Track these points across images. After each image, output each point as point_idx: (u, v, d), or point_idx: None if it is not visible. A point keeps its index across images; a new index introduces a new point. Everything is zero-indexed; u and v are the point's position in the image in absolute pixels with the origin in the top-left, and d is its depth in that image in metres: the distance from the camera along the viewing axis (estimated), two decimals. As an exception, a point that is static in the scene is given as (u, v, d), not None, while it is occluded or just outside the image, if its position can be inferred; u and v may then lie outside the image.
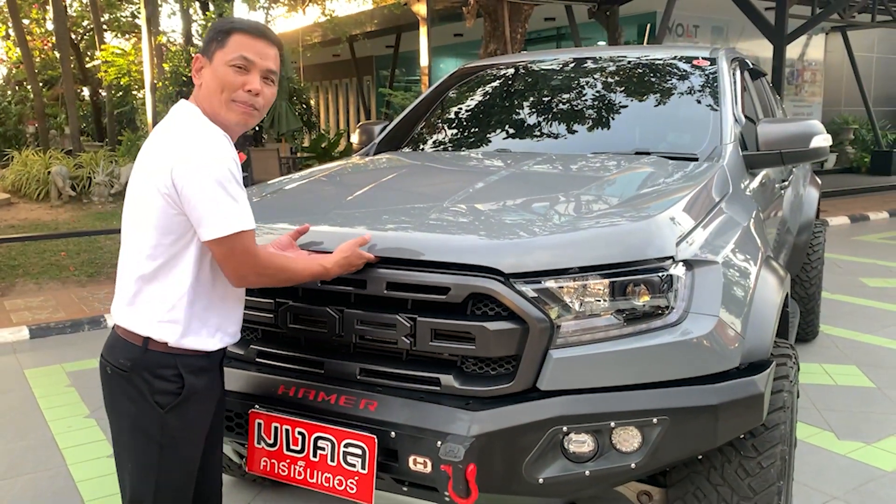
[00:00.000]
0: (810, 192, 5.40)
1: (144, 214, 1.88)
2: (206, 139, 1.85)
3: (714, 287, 2.19)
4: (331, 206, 2.64)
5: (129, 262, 1.95)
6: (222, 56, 1.93)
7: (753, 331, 2.24)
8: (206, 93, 1.95)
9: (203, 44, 1.97)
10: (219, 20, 2.00)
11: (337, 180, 3.19)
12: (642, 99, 3.58)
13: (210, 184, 1.80)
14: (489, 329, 2.04)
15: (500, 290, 2.04)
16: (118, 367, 1.94)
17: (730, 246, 2.40)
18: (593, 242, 2.15)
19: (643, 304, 2.10)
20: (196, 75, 1.98)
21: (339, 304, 2.22)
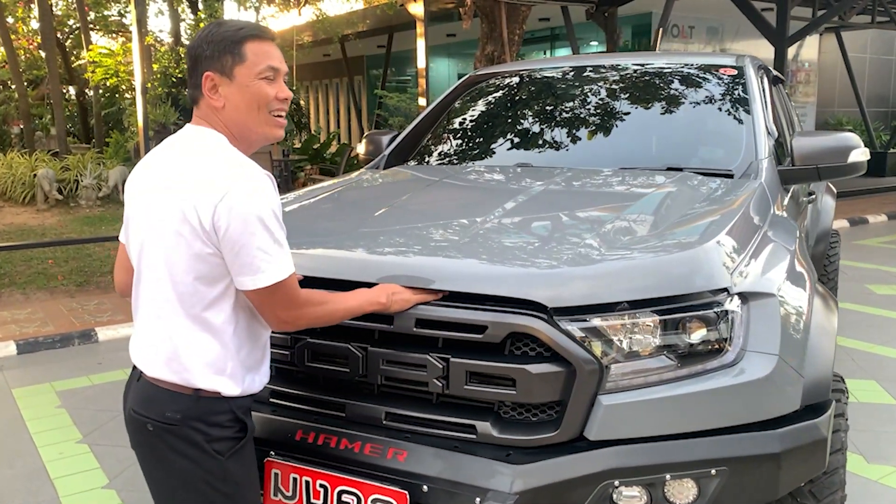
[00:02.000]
0: (827, 201, 5.25)
1: (177, 258, 1.70)
2: (252, 177, 1.68)
3: (772, 322, 2.02)
4: (353, 228, 2.44)
5: (161, 309, 1.75)
6: (247, 70, 1.74)
7: (812, 367, 2.08)
8: (237, 113, 1.76)
9: (209, 59, 1.73)
10: (218, 30, 1.74)
11: (354, 199, 2.99)
12: (669, 110, 3.40)
13: (259, 230, 1.65)
14: (531, 372, 1.85)
15: (543, 329, 1.85)
16: (165, 421, 1.73)
17: (782, 275, 2.22)
18: (641, 272, 1.97)
19: (698, 342, 1.92)
20: (211, 96, 1.75)
21: (363, 342, 2.03)
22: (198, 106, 1.79)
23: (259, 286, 1.67)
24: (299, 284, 1.79)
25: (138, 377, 1.82)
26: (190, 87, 1.79)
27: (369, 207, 2.73)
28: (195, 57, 1.74)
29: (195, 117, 1.81)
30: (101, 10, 19.86)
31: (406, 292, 1.97)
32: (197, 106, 1.79)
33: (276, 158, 12.65)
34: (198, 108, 1.80)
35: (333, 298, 1.88)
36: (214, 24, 1.76)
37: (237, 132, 1.78)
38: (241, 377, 1.79)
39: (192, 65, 1.76)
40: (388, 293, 1.95)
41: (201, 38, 1.74)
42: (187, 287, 1.71)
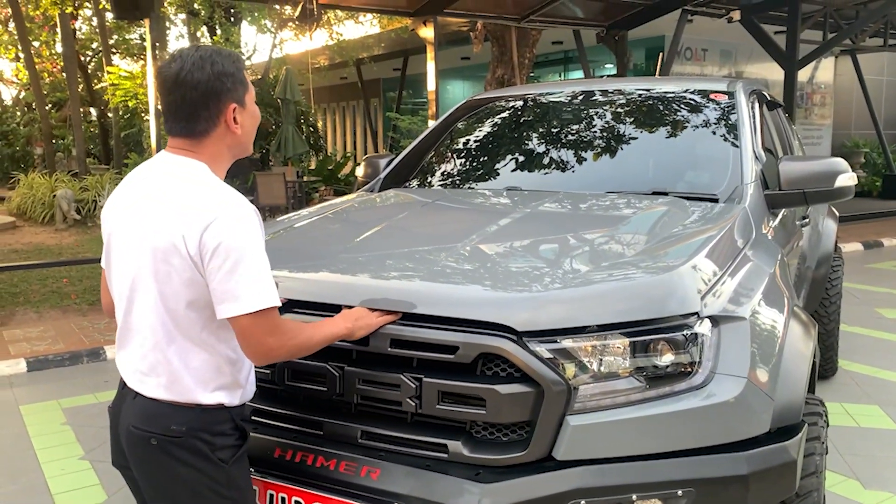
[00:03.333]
0: (828, 225, 5.24)
1: (168, 285, 1.74)
2: (238, 206, 1.72)
3: (742, 345, 2.04)
4: (334, 252, 2.51)
5: (157, 335, 1.78)
6: (250, 96, 1.87)
7: (784, 390, 2.10)
8: (246, 136, 1.88)
9: (231, 91, 1.79)
10: (228, 62, 1.79)
11: (342, 220, 3.06)
12: (657, 135, 3.44)
13: (245, 258, 1.69)
14: (500, 392, 1.89)
15: (513, 351, 1.89)
16: (169, 434, 1.77)
17: (757, 298, 2.25)
18: (612, 297, 2.01)
19: (666, 364, 1.95)
20: (234, 126, 1.82)
21: (340, 361, 2.08)
22: (202, 137, 1.80)
23: (243, 312, 1.69)
24: (279, 310, 1.82)
25: (134, 396, 1.84)
26: (199, 121, 1.78)
27: (352, 231, 2.80)
28: (212, 91, 1.76)
29: (177, 147, 1.82)
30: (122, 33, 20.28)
31: (369, 317, 2.00)
32: (200, 137, 1.80)
33: (290, 179, 12.80)
34: (194, 140, 1.80)
35: (309, 327, 1.90)
36: (214, 54, 1.78)
37: (235, 153, 1.88)
38: (238, 387, 1.86)
39: (205, 98, 1.76)
40: (352, 319, 1.97)
41: (217, 72, 1.76)
42: (182, 312, 1.75)
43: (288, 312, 2.13)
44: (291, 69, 15.07)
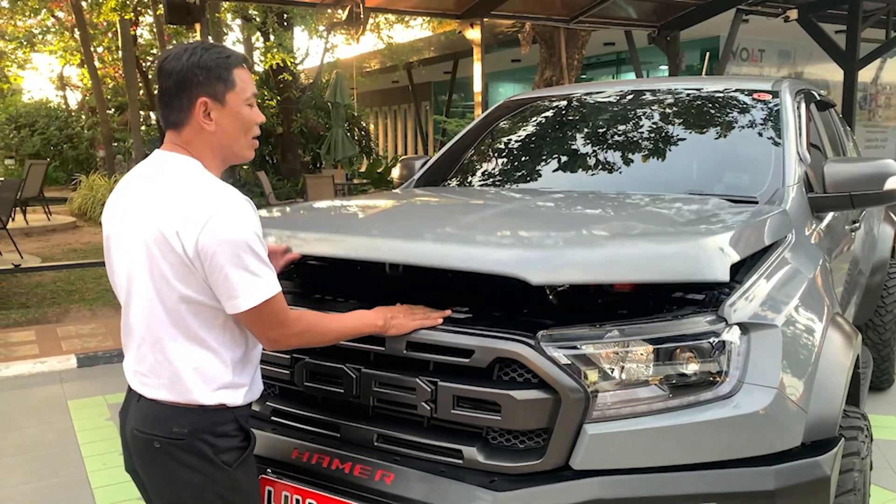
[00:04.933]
0: (885, 230, 5.03)
1: (165, 284, 1.73)
2: (233, 202, 1.72)
3: (772, 354, 1.96)
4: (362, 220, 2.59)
5: (156, 335, 1.78)
6: (236, 97, 1.80)
7: (819, 403, 2.00)
8: (226, 137, 1.82)
9: (202, 84, 1.75)
10: (208, 56, 1.76)
11: (362, 202, 3.11)
12: (698, 135, 3.34)
13: (244, 253, 1.68)
14: (516, 398, 1.84)
15: (529, 355, 1.84)
16: (172, 436, 1.76)
17: (792, 304, 2.15)
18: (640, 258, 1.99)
19: (691, 372, 1.88)
20: (204, 121, 1.78)
21: (358, 363, 2.06)
22: (179, 129, 1.80)
23: (247, 307, 1.70)
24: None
25: (138, 398, 1.85)
26: (172, 111, 1.78)
27: (372, 209, 2.90)
28: (184, 81, 1.75)
29: (168, 142, 1.83)
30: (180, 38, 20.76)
31: (404, 317, 1.98)
32: (178, 129, 1.80)
33: (339, 182, 12.91)
34: (177, 132, 1.81)
35: (328, 318, 1.91)
36: (199, 47, 1.78)
37: (221, 154, 1.84)
38: (241, 387, 1.84)
39: (178, 89, 1.76)
40: (385, 317, 1.97)
41: (192, 63, 1.75)
42: (179, 311, 1.74)
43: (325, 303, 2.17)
44: (341, 73, 15.22)
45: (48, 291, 8.25)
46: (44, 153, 21.20)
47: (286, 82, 16.16)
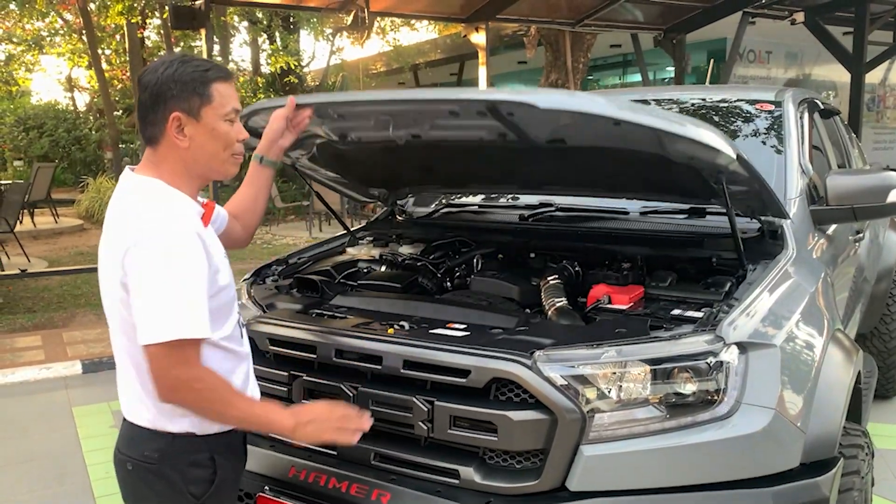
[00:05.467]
0: (890, 237, 5.00)
1: (119, 310, 1.68)
2: (158, 229, 1.61)
3: (771, 373, 1.95)
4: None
5: (122, 359, 1.76)
6: (213, 112, 1.71)
7: (818, 422, 1.99)
8: (202, 153, 1.73)
9: (176, 98, 1.67)
10: (185, 69, 1.68)
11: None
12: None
13: (156, 283, 1.58)
14: (512, 419, 1.84)
15: (525, 376, 1.84)
16: (143, 460, 1.73)
17: (792, 322, 2.14)
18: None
19: (689, 393, 1.87)
20: (177, 136, 1.69)
21: (355, 381, 2.06)
22: (155, 145, 1.73)
23: (147, 342, 1.58)
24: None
25: (123, 419, 1.84)
26: (147, 125, 1.71)
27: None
28: (158, 94, 1.68)
29: (144, 159, 1.76)
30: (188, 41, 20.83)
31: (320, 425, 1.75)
32: (153, 145, 1.73)
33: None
34: (153, 149, 1.74)
35: (236, 394, 1.72)
36: (177, 60, 1.71)
37: (196, 172, 1.76)
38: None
39: (152, 102, 1.69)
40: (299, 419, 1.73)
41: (166, 76, 1.68)
42: (134, 337, 1.65)
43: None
44: (347, 75, 15.25)
45: (54, 295, 8.28)
46: (52, 155, 21.29)
47: (292, 85, 16.20)
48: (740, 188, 2.40)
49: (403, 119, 2.26)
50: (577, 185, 2.90)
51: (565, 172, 2.71)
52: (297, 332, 2.20)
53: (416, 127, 2.29)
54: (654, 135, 1.99)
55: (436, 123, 2.26)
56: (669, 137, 1.98)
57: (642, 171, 2.53)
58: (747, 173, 2.24)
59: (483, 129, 2.20)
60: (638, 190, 2.80)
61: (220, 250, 1.76)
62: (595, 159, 2.46)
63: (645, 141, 2.10)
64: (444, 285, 2.79)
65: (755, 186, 2.36)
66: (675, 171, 2.34)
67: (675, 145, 2.08)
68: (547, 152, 2.39)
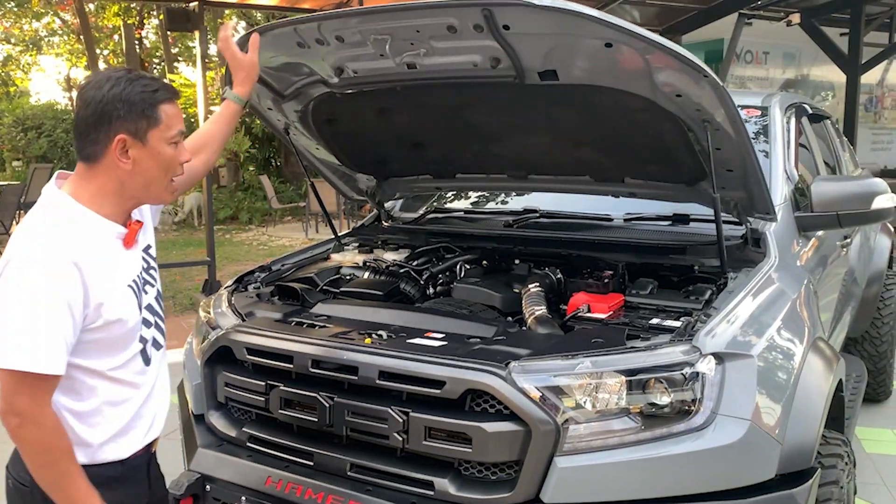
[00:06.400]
0: (881, 241, 4.99)
1: None
2: (26, 254, 1.54)
3: (747, 384, 1.94)
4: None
5: None
6: (160, 134, 1.64)
7: (795, 432, 1.98)
8: (143, 178, 1.66)
9: (123, 119, 1.60)
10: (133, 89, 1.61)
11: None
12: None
13: (15, 303, 1.51)
14: (487, 430, 1.84)
15: (499, 387, 1.84)
16: (19, 480, 1.66)
17: (771, 331, 2.14)
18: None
19: (664, 404, 1.86)
20: (121, 159, 1.61)
21: (332, 391, 2.06)
22: (91, 163, 1.64)
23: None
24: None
25: None
26: (88, 143, 1.62)
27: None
28: (103, 114, 1.59)
29: (74, 173, 1.68)
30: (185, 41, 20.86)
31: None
32: (90, 163, 1.64)
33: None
34: (87, 166, 1.65)
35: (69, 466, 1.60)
36: (124, 78, 1.62)
37: (132, 195, 1.68)
38: (90, 445, 1.67)
39: (95, 120, 1.60)
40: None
41: (113, 95, 1.60)
42: None
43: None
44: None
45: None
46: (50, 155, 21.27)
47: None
48: (727, 170, 2.39)
49: (401, 36, 2.25)
50: (567, 168, 2.90)
51: (556, 151, 2.72)
52: (274, 342, 2.19)
53: (412, 50, 2.29)
54: (643, 63, 2.04)
55: (432, 47, 2.26)
56: (656, 57, 2.02)
57: (632, 142, 2.54)
58: (732, 130, 2.22)
59: (478, 51, 2.22)
60: (627, 170, 2.79)
61: (113, 283, 1.64)
62: (586, 126, 2.51)
63: (634, 75, 2.12)
64: (427, 292, 2.79)
65: (742, 160, 2.35)
66: (664, 139, 2.37)
67: (662, 73, 2.10)
68: (537, 121, 2.49)
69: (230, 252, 11.12)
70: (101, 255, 1.63)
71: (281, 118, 2.89)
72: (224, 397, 2.32)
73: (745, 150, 2.28)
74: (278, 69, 2.60)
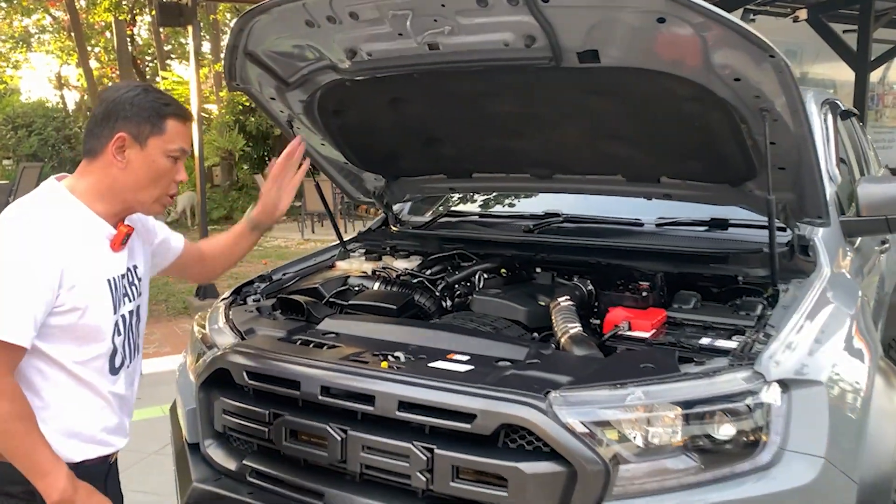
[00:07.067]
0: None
1: None
2: (20, 222, 1.56)
3: (818, 415, 1.71)
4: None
5: None
6: (160, 144, 1.67)
7: (870, 468, 1.77)
8: (133, 181, 1.67)
9: (127, 119, 1.64)
10: (146, 97, 1.67)
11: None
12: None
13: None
14: (525, 472, 1.60)
15: (539, 422, 1.60)
16: None
17: (835, 353, 1.92)
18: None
19: (726, 440, 1.64)
20: (116, 156, 1.64)
21: (344, 423, 1.82)
22: (91, 158, 1.68)
23: None
24: None
25: None
26: (91, 137, 1.67)
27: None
28: (111, 112, 1.65)
29: (77, 170, 1.70)
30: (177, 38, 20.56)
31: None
32: (90, 157, 1.68)
33: (338, 185, 12.63)
34: (88, 161, 1.69)
35: (38, 435, 1.56)
36: (143, 88, 1.70)
37: (121, 197, 1.68)
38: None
39: (103, 116, 1.66)
40: (68, 496, 1.56)
41: (125, 97, 1.66)
42: None
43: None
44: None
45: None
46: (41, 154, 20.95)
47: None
48: (779, 167, 2.16)
49: (424, 11, 1.99)
50: (597, 166, 2.64)
51: (586, 147, 2.48)
52: (278, 365, 1.95)
53: (436, 28, 2.03)
54: (700, 41, 1.79)
55: (459, 23, 2.00)
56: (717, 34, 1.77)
57: (674, 135, 2.30)
58: (792, 121, 1.98)
59: (511, 28, 1.96)
60: (665, 169, 2.54)
61: (90, 272, 1.62)
62: (623, 117, 2.26)
63: (688, 55, 1.88)
64: (443, 304, 2.55)
65: (797, 157, 2.12)
66: (712, 131, 2.13)
67: (721, 53, 1.85)
68: (568, 112, 2.24)
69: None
70: (82, 243, 1.62)
71: (284, 110, 2.65)
72: (222, 426, 2.08)
73: (804, 144, 2.04)
74: (283, 53, 2.35)
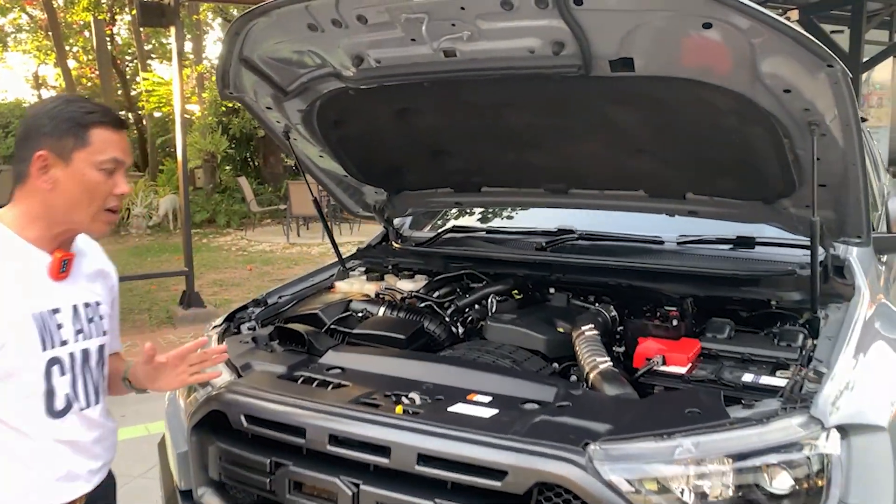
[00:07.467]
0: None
1: None
2: None
3: (881, 465, 1.56)
4: None
5: None
6: (87, 157, 1.51)
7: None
8: (65, 202, 1.52)
9: (47, 136, 1.49)
10: (66, 108, 1.52)
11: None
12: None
13: None
14: (564, 538, 1.43)
15: (580, 480, 1.43)
16: None
17: (891, 390, 1.75)
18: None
19: (782, 495, 1.47)
20: (39, 177, 1.49)
21: (356, 475, 1.64)
22: (20, 183, 1.53)
23: None
24: None
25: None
26: (17, 161, 1.54)
27: None
28: (30, 130, 1.52)
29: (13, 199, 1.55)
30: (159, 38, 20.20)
31: None
32: (19, 183, 1.53)
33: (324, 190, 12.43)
34: (18, 187, 1.54)
35: None
36: (65, 100, 1.57)
37: (57, 218, 1.54)
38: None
39: (23, 136, 1.53)
40: None
41: (42, 111, 1.53)
42: None
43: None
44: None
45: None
46: (18, 156, 20.55)
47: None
48: (820, 184, 1.98)
49: (442, 14, 1.81)
50: (618, 180, 2.46)
51: (607, 160, 2.31)
52: (280, 408, 1.76)
53: (453, 33, 1.85)
54: (748, 48, 1.63)
55: (479, 29, 1.82)
56: (769, 41, 1.61)
57: (707, 149, 2.13)
58: (842, 136, 1.81)
59: (537, 33, 1.79)
60: (692, 184, 2.36)
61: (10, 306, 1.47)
62: (652, 130, 2.09)
63: (734, 64, 1.71)
64: (454, 331, 2.37)
65: (843, 174, 1.95)
66: (750, 146, 1.96)
67: (771, 61, 1.69)
68: (592, 123, 2.08)
69: (208, 258, 10.59)
70: (6, 276, 1.48)
71: (281, 119, 2.46)
72: (218, 473, 1.89)
73: (853, 161, 1.88)
74: (282, 59, 2.16)
